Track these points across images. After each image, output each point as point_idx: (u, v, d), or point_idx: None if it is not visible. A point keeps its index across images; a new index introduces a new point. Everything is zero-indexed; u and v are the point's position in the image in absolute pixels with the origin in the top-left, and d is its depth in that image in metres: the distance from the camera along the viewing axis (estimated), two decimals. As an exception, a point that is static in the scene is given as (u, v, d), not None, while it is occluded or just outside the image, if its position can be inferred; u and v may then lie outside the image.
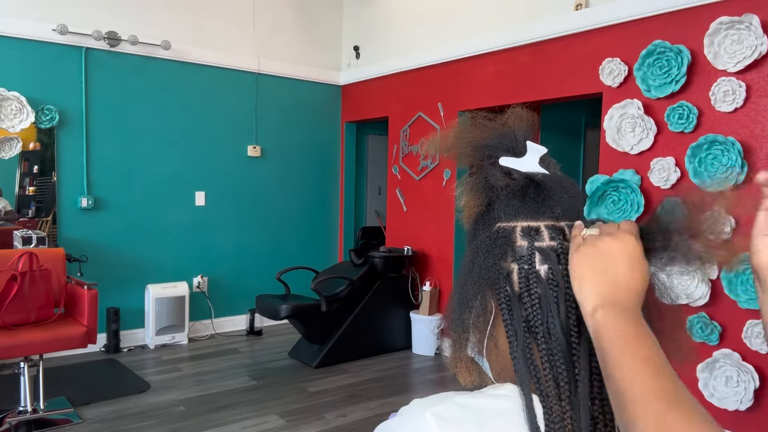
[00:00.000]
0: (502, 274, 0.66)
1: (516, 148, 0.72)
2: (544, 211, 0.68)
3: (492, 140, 0.73)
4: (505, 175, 0.70)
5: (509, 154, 0.72)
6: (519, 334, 0.63)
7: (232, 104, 5.07)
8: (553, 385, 0.61)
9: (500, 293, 0.66)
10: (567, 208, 0.69)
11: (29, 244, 3.73)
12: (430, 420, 0.59)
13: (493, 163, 0.72)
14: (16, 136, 4.06)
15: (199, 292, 4.94)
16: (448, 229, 4.62)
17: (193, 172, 4.90)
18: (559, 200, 0.68)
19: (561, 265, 0.65)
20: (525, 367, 0.62)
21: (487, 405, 0.62)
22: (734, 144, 2.84)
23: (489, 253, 0.68)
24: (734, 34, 2.83)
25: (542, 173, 0.70)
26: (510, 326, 0.64)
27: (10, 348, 2.95)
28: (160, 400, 3.49)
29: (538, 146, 0.71)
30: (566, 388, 0.60)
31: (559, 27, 3.69)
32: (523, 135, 0.73)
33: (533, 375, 0.61)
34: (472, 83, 4.37)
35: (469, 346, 0.71)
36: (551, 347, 0.62)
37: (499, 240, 0.68)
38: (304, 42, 5.51)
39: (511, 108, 0.77)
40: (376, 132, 6.11)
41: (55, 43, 4.19)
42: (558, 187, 0.69)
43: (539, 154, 0.71)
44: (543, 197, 0.69)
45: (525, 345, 0.63)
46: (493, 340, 0.68)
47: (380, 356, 4.52)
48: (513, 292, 0.65)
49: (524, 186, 0.69)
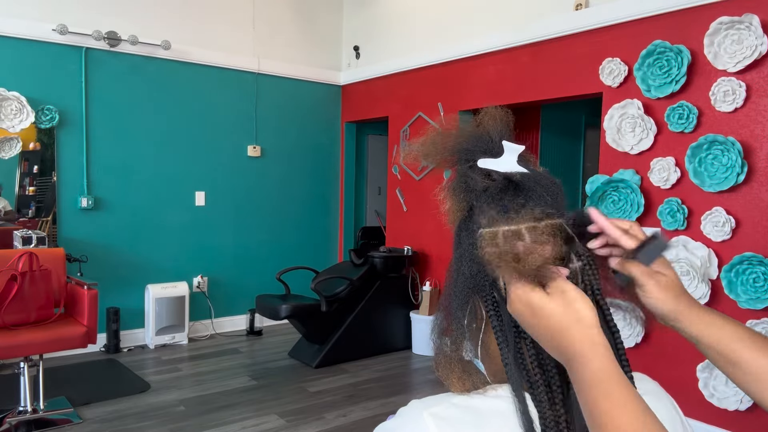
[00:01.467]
0: (488, 281, 0.66)
1: (493, 149, 0.70)
2: (524, 213, 0.66)
3: (468, 143, 0.72)
4: (485, 177, 0.69)
5: (487, 155, 0.70)
6: (509, 340, 0.63)
7: (232, 104, 5.07)
8: (546, 390, 0.60)
9: (487, 300, 0.66)
10: (547, 207, 0.67)
11: (29, 244, 3.73)
12: (429, 420, 0.59)
13: (471, 166, 0.70)
14: (16, 136, 4.06)
15: (199, 292, 4.94)
16: (448, 229, 4.61)
17: (193, 172, 4.90)
18: (540, 200, 0.66)
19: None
20: (517, 371, 0.61)
21: (486, 406, 0.62)
22: (734, 144, 2.84)
23: (473, 261, 0.67)
24: (734, 34, 2.83)
25: (520, 172, 0.68)
26: (499, 332, 0.64)
27: (10, 348, 2.95)
28: (160, 400, 3.49)
29: (514, 145, 0.70)
30: (559, 392, 0.60)
31: (559, 27, 3.69)
32: (499, 135, 0.72)
33: (525, 379, 0.61)
34: (472, 83, 4.37)
35: (464, 350, 0.70)
36: (540, 351, 0.62)
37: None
38: (304, 42, 5.51)
39: (485, 108, 0.76)
40: (376, 132, 6.11)
41: (55, 43, 4.19)
42: (537, 186, 0.67)
43: (517, 153, 0.69)
44: (522, 197, 0.67)
45: (516, 350, 0.62)
46: (484, 346, 0.68)
47: (380, 356, 4.52)
48: (500, 297, 0.65)
49: (502, 188, 0.68)
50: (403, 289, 4.75)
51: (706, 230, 2.99)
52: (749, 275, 2.81)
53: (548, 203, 0.66)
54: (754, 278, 2.79)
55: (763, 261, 2.77)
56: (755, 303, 2.80)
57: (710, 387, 2.94)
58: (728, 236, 2.92)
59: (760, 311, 2.82)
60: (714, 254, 2.97)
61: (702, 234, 3.01)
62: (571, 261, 0.66)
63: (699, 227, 3.02)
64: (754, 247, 2.84)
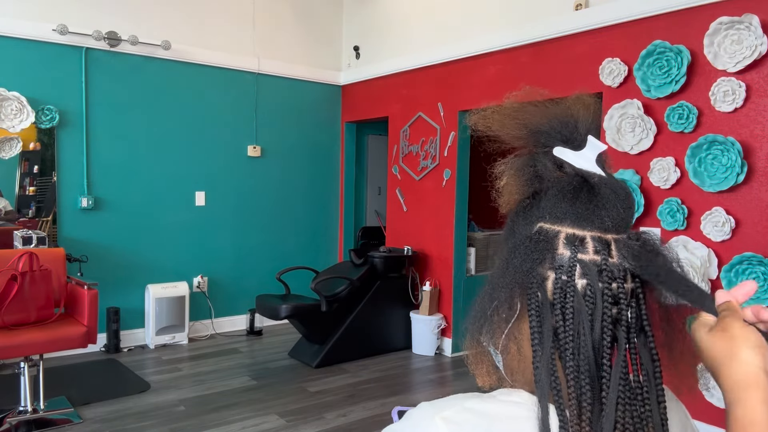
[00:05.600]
0: (537, 280, 0.62)
1: (575, 140, 0.65)
2: (593, 220, 0.62)
3: (549, 126, 0.66)
4: (557, 167, 0.65)
5: (566, 144, 0.65)
6: (545, 345, 0.60)
7: (232, 104, 5.07)
8: (575, 404, 0.58)
9: (531, 299, 0.62)
10: (617, 220, 0.62)
11: (29, 244, 3.73)
12: (441, 424, 0.58)
13: (546, 151, 0.66)
14: (17, 136, 4.06)
15: (199, 292, 4.94)
16: (448, 229, 4.62)
17: (193, 172, 4.90)
18: (611, 210, 0.62)
19: (602, 282, 0.60)
20: (547, 379, 0.58)
21: (498, 411, 0.60)
22: (734, 144, 2.84)
23: (527, 256, 0.63)
24: (734, 34, 2.83)
25: (598, 175, 0.63)
26: (537, 334, 0.60)
27: (10, 348, 2.95)
28: (160, 400, 3.49)
29: (598, 142, 0.65)
30: (588, 409, 0.57)
31: (559, 27, 3.69)
32: (585, 127, 0.66)
33: (554, 389, 0.58)
34: (472, 83, 4.38)
35: (487, 338, 0.67)
36: (579, 364, 0.58)
37: (540, 243, 0.63)
38: (305, 42, 5.51)
39: (577, 94, 0.69)
40: (376, 132, 6.11)
41: (55, 43, 4.19)
42: (612, 195, 0.63)
43: (599, 151, 0.64)
44: (595, 204, 0.62)
45: (550, 357, 0.59)
46: (516, 343, 0.65)
47: (380, 356, 4.52)
48: (546, 300, 0.61)
49: (577, 187, 0.63)
50: (403, 289, 4.75)
51: (706, 230, 2.99)
52: (749, 275, 2.81)
53: (621, 216, 0.63)
54: (754, 278, 2.79)
55: (763, 261, 2.77)
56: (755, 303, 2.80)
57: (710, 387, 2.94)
58: (728, 236, 2.92)
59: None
60: (714, 254, 2.97)
61: (702, 234, 3.01)
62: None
63: (699, 227, 3.02)
64: (754, 247, 2.84)
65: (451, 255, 4.60)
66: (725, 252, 2.94)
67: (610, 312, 0.60)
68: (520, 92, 0.74)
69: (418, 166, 4.87)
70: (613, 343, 0.60)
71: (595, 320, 0.59)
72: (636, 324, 0.62)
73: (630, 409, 0.58)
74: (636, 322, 0.62)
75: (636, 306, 0.62)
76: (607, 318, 0.60)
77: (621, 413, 0.58)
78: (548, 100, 0.70)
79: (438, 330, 4.59)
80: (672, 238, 3.11)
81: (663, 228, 3.16)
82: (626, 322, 0.61)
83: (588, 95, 0.70)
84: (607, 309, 0.60)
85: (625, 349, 0.60)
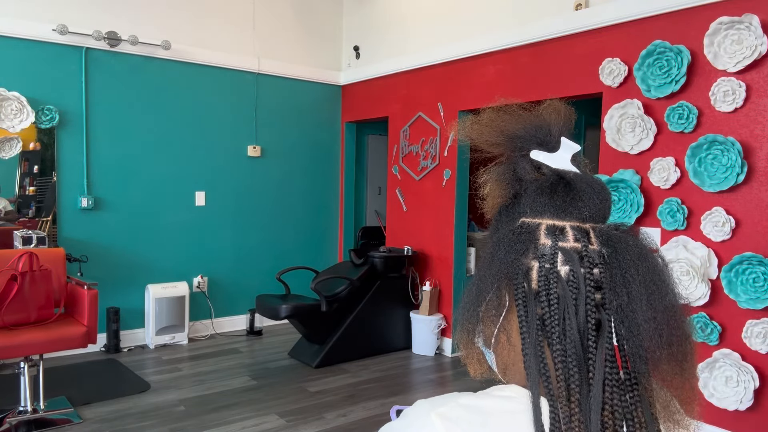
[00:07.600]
0: (522, 270, 0.65)
1: (549, 143, 0.70)
2: (571, 211, 0.66)
3: (525, 132, 0.71)
4: (535, 169, 0.69)
5: (541, 147, 0.69)
6: (532, 332, 0.63)
7: (232, 104, 5.07)
8: (564, 386, 0.60)
9: (518, 289, 0.65)
10: (594, 210, 0.67)
11: (29, 244, 3.73)
12: (436, 421, 0.59)
13: (523, 155, 0.70)
14: (16, 136, 4.06)
15: (199, 292, 4.94)
16: (448, 229, 4.62)
17: (193, 172, 4.90)
18: (588, 201, 0.67)
19: (583, 268, 0.63)
20: (535, 364, 0.61)
21: (492, 406, 0.61)
22: (734, 144, 2.84)
23: (510, 248, 0.66)
24: (734, 34, 2.83)
25: (573, 172, 0.68)
26: (524, 323, 0.63)
27: (10, 348, 2.95)
28: (160, 400, 3.49)
29: (572, 143, 0.69)
30: (576, 391, 0.59)
31: (559, 27, 3.69)
32: (558, 130, 0.71)
33: (543, 374, 0.61)
34: (472, 83, 4.38)
35: (478, 337, 0.70)
36: (565, 348, 0.61)
37: (522, 235, 0.66)
38: (305, 42, 5.51)
39: (549, 100, 0.75)
40: (376, 132, 6.11)
41: (55, 43, 4.19)
42: (588, 188, 0.67)
43: (572, 151, 0.69)
44: (572, 197, 0.67)
45: (537, 343, 0.62)
46: (505, 334, 0.68)
47: (380, 356, 4.52)
48: (530, 289, 0.64)
49: (554, 183, 0.68)
50: (403, 289, 4.75)
51: (706, 230, 2.99)
52: (749, 275, 2.81)
53: (597, 207, 0.67)
54: (754, 278, 2.79)
55: (763, 261, 2.77)
56: (755, 303, 2.80)
57: (710, 387, 2.94)
58: (728, 236, 2.92)
59: (760, 311, 2.82)
60: (714, 254, 2.97)
61: (702, 234, 3.01)
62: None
63: (699, 227, 3.02)
64: (754, 247, 2.84)
65: (451, 255, 4.60)
66: (725, 252, 2.94)
67: (593, 296, 0.63)
68: (495, 103, 0.78)
69: (418, 166, 4.87)
70: (597, 327, 0.62)
71: (579, 305, 0.62)
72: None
73: (618, 391, 0.60)
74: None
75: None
76: (591, 302, 0.62)
77: (609, 394, 0.60)
78: (521, 107, 0.75)
79: (438, 330, 4.59)
80: (672, 238, 3.11)
81: (663, 228, 3.16)
82: (609, 306, 0.64)
83: (559, 101, 0.74)
84: (590, 293, 0.63)
85: (608, 332, 0.62)
